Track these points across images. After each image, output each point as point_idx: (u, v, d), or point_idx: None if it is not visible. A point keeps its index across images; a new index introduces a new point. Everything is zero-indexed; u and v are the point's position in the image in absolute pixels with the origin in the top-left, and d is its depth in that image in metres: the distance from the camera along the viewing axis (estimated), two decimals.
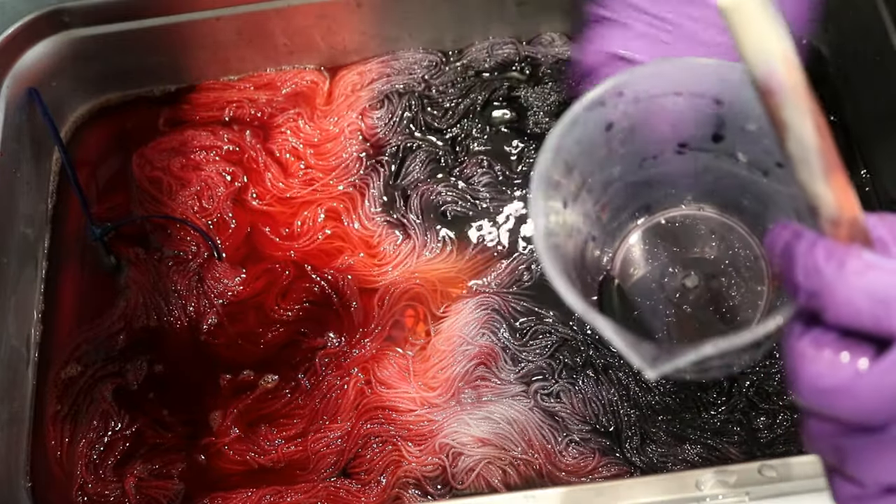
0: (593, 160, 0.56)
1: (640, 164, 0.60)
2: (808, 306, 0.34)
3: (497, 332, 0.75)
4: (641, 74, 0.53)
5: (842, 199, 0.34)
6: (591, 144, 0.55)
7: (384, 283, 0.78)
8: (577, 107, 0.52)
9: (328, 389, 0.74)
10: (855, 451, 0.34)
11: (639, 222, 0.64)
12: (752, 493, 0.59)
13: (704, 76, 0.54)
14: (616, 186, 0.60)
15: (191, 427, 0.74)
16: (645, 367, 0.44)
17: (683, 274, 0.63)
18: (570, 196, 0.56)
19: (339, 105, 0.86)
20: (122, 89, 0.89)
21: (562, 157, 0.53)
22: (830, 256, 0.33)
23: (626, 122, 0.56)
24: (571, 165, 0.55)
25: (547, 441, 0.70)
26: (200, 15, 0.84)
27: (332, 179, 0.83)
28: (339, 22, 0.86)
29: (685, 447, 0.69)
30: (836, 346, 0.33)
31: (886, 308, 0.32)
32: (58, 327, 0.79)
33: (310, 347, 0.76)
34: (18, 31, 0.81)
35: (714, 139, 0.58)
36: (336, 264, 0.79)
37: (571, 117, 0.52)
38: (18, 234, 0.79)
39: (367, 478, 0.71)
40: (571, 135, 0.53)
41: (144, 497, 0.71)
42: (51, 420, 0.75)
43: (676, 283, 0.63)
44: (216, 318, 0.78)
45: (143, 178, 0.84)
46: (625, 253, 0.64)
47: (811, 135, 0.34)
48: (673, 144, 0.59)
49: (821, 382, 0.33)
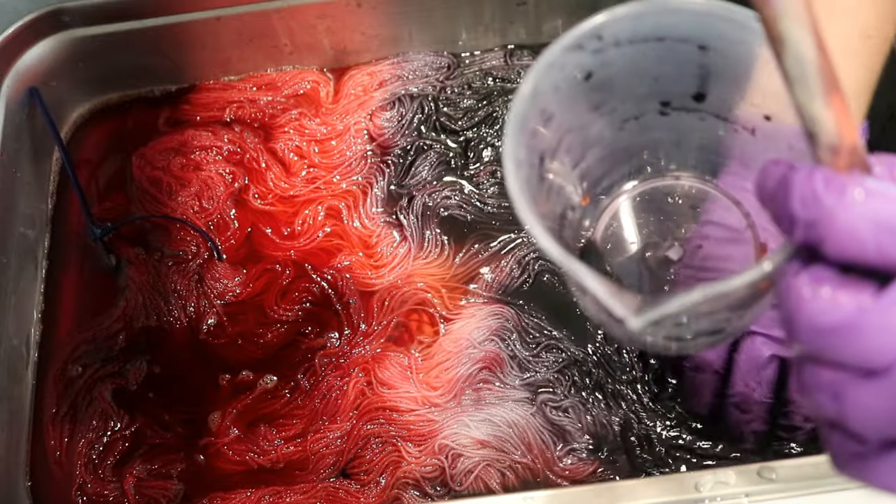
0: (572, 114, 0.53)
1: (620, 125, 0.56)
2: (806, 240, 0.31)
3: (506, 340, 0.74)
4: (621, 15, 0.50)
5: (842, 124, 0.31)
6: (570, 95, 0.52)
7: (383, 284, 0.78)
8: (554, 48, 0.49)
9: (328, 390, 0.74)
10: (856, 399, 0.31)
11: (621, 191, 0.60)
12: (752, 494, 0.59)
13: (688, 18, 0.50)
14: (596, 151, 0.57)
15: (190, 427, 0.74)
16: (629, 316, 0.41)
17: (668, 245, 0.60)
18: (548, 152, 0.53)
19: (347, 104, 0.86)
20: (122, 89, 0.89)
21: (539, 103, 0.50)
22: (830, 183, 0.30)
23: (605, 71, 0.52)
24: (549, 114, 0.51)
25: (546, 447, 0.70)
26: (200, 15, 0.84)
27: (335, 177, 0.83)
28: (339, 22, 0.86)
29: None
30: (836, 282, 0.30)
31: (891, 236, 0.29)
32: (58, 327, 0.80)
33: (309, 348, 0.76)
34: (18, 31, 0.81)
35: (697, 98, 0.55)
36: (335, 263, 0.79)
37: (549, 59, 0.49)
38: (18, 233, 0.79)
39: (366, 478, 0.71)
40: (549, 78, 0.50)
41: (144, 497, 0.72)
42: (50, 420, 0.75)
43: (660, 255, 0.60)
44: (216, 318, 0.78)
45: (143, 178, 0.84)
46: (606, 223, 0.61)
47: (811, 50, 0.31)
48: (655, 103, 0.56)
49: (821, 321, 0.30)
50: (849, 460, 0.33)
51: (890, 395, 0.30)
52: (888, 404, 0.30)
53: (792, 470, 0.59)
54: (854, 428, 0.32)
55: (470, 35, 0.87)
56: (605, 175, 0.59)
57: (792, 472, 0.59)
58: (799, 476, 0.59)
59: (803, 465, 0.59)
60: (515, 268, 0.77)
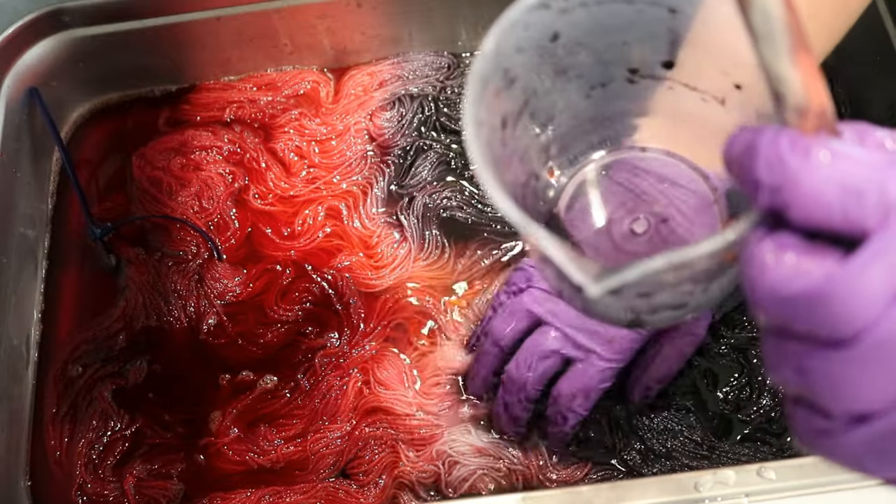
0: (536, 77, 0.51)
1: (588, 92, 0.54)
2: (771, 205, 0.30)
3: None
4: None
5: (810, 85, 0.30)
6: (535, 56, 0.50)
7: (384, 285, 0.78)
8: (519, 5, 0.47)
9: (328, 390, 0.74)
10: (822, 371, 0.30)
11: (587, 161, 0.58)
12: (752, 494, 0.59)
13: None
14: (562, 119, 0.55)
15: (190, 427, 0.74)
16: (588, 283, 0.39)
17: (632, 218, 0.58)
18: (512, 115, 0.50)
19: (347, 104, 0.86)
20: (122, 89, 0.89)
21: (501, 63, 0.48)
22: (796, 145, 0.29)
23: (572, 32, 0.50)
24: (512, 76, 0.49)
25: (541, 453, 0.70)
26: (201, 15, 0.84)
27: (335, 177, 0.83)
28: (339, 22, 0.86)
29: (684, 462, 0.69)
30: (801, 249, 0.29)
31: (858, 199, 0.28)
32: (58, 327, 0.80)
33: (309, 348, 0.76)
34: (18, 31, 0.81)
35: (666, 66, 0.53)
36: (335, 263, 0.79)
37: (512, 17, 0.47)
38: (18, 233, 0.79)
39: (365, 479, 0.71)
40: (512, 37, 0.48)
41: (144, 497, 0.72)
42: (50, 420, 0.75)
43: (624, 228, 0.58)
44: (216, 318, 0.78)
45: (143, 178, 0.84)
46: (571, 194, 0.58)
47: (777, 5, 0.30)
48: (623, 69, 0.54)
49: (785, 289, 0.29)
50: (815, 437, 0.31)
51: (857, 366, 0.29)
52: (855, 376, 0.29)
53: (792, 470, 0.59)
54: (820, 402, 0.30)
55: (470, 35, 0.87)
56: (571, 144, 0.57)
57: (792, 472, 0.59)
58: (799, 476, 0.59)
59: (803, 464, 0.59)
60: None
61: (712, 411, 0.70)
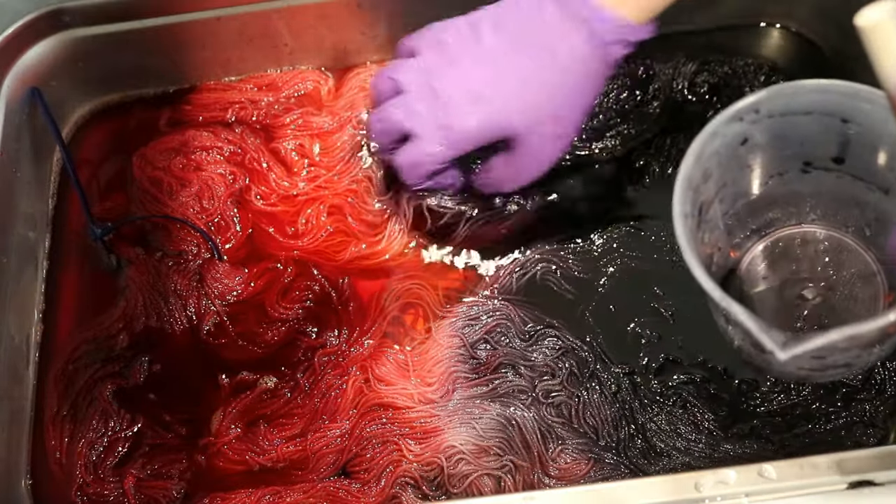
0: (727, 171, 0.62)
1: (766, 180, 0.65)
2: None
3: (502, 339, 0.74)
4: (777, 93, 0.59)
5: None
6: (728, 157, 0.61)
7: (383, 280, 0.78)
8: (717, 120, 0.59)
9: (327, 389, 0.74)
10: None
11: (763, 234, 0.70)
12: (752, 494, 0.59)
13: (835, 97, 0.59)
14: (743, 201, 0.66)
15: (190, 427, 0.75)
16: (776, 350, 0.48)
17: (802, 285, 0.68)
18: (707, 203, 0.62)
19: (348, 104, 0.86)
20: (122, 89, 0.89)
21: (702, 164, 0.59)
22: None
23: (759, 138, 0.61)
24: (709, 174, 0.60)
25: (542, 445, 0.70)
26: (201, 15, 0.84)
27: (335, 175, 0.83)
28: (339, 22, 0.86)
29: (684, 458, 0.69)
30: None
31: None
32: (58, 327, 0.80)
33: (309, 346, 0.76)
34: (18, 31, 0.81)
35: (836, 161, 0.63)
36: (338, 259, 0.79)
37: (712, 129, 0.59)
38: (19, 234, 0.79)
39: (366, 476, 0.71)
40: (711, 145, 0.59)
41: (144, 497, 0.72)
42: (51, 420, 0.75)
43: (795, 293, 0.68)
44: (216, 318, 0.78)
45: (144, 178, 0.84)
46: (749, 262, 0.70)
47: None
48: (799, 163, 0.64)
49: None
50: None
51: None
52: None
53: (792, 470, 0.59)
54: None
55: None
56: (750, 220, 0.68)
57: (792, 472, 0.59)
58: (799, 476, 0.59)
59: (803, 464, 0.59)
60: (517, 270, 0.77)
61: (718, 403, 0.70)
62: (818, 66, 0.83)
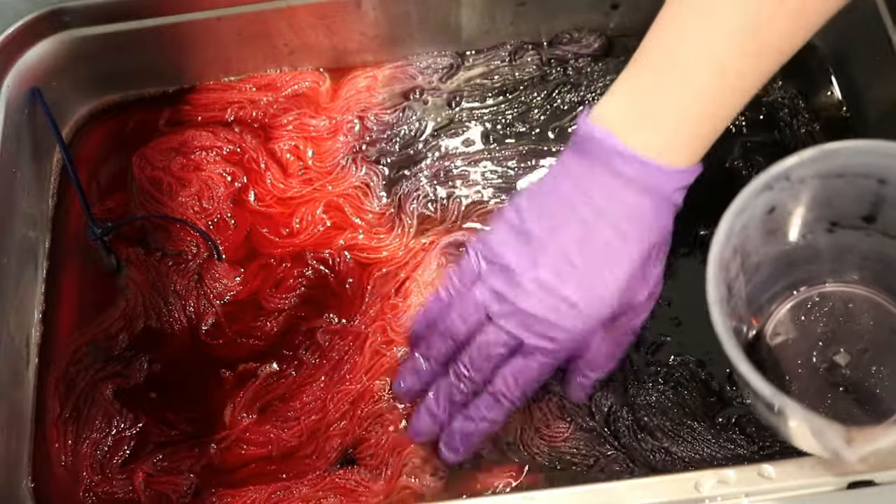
0: (750, 242, 0.58)
1: (789, 243, 0.62)
2: None
3: None
4: (810, 157, 0.54)
5: None
6: (754, 228, 0.57)
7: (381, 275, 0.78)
8: (747, 192, 0.54)
9: (339, 358, 0.75)
10: None
11: (788, 296, 0.65)
12: (752, 494, 0.59)
13: (873, 158, 0.55)
14: (764, 267, 0.62)
15: (195, 424, 0.74)
16: (842, 450, 0.45)
17: (834, 350, 0.63)
18: (733, 279, 0.58)
19: (347, 104, 0.86)
20: (122, 89, 0.89)
21: (731, 241, 0.54)
22: None
23: (787, 204, 0.57)
24: (737, 250, 0.56)
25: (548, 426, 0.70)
26: (201, 15, 0.84)
27: (333, 177, 0.83)
28: (339, 22, 0.86)
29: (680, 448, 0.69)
30: None
31: None
32: (58, 328, 0.80)
33: (309, 329, 0.76)
34: (18, 31, 0.81)
35: (867, 220, 0.59)
36: (332, 245, 0.80)
37: (741, 203, 0.54)
38: (19, 234, 0.79)
39: (372, 462, 0.71)
40: (740, 219, 0.54)
41: (154, 493, 0.71)
42: (52, 421, 0.75)
43: (827, 359, 0.63)
44: (216, 317, 0.78)
45: (144, 178, 0.85)
46: (773, 327, 0.65)
47: None
48: (825, 223, 0.61)
49: None
50: None
51: None
52: None
53: (792, 470, 0.59)
54: None
55: (470, 35, 0.87)
56: (771, 285, 0.64)
57: (792, 472, 0.59)
58: (799, 476, 0.59)
59: (803, 464, 0.59)
60: None
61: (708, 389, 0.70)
62: (818, 67, 0.83)
